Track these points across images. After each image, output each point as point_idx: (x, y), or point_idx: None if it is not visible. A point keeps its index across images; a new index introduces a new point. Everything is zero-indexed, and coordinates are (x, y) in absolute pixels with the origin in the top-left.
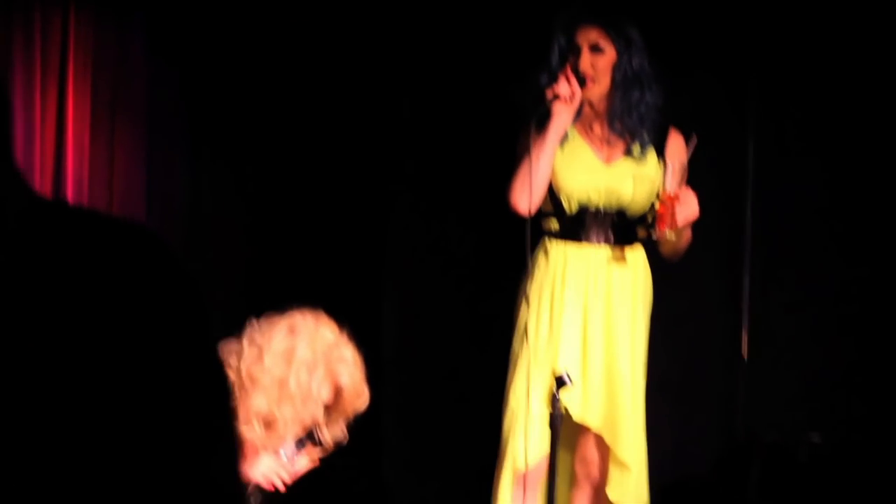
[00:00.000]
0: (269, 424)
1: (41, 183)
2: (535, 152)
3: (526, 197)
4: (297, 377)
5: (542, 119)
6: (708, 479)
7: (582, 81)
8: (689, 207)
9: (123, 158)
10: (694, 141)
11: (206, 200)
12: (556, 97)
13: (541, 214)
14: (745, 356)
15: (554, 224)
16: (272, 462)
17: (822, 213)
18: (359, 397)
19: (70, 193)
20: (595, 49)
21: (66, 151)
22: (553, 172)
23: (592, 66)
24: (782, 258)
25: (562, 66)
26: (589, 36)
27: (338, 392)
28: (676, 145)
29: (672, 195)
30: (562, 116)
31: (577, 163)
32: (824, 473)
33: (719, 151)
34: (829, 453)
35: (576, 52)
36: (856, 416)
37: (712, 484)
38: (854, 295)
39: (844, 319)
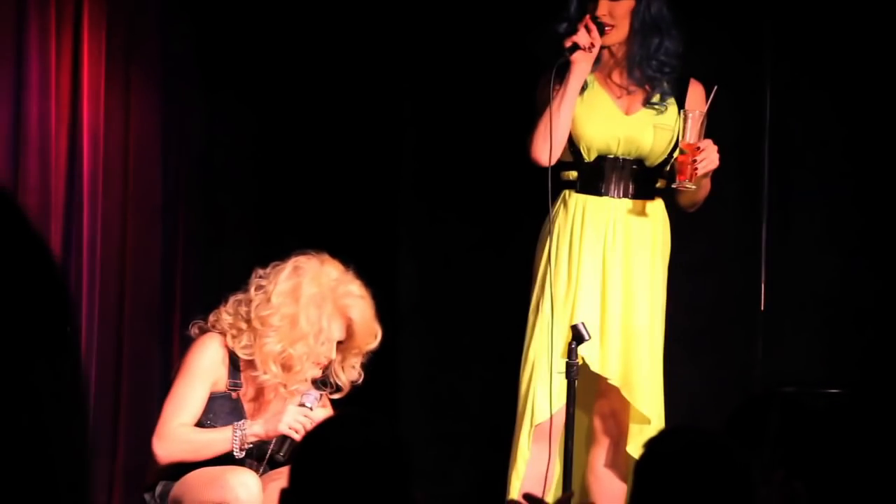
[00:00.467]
0: (286, 366)
1: (57, 130)
2: (555, 103)
3: (547, 148)
4: (306, 314)
5: (561, 69)
6: (726, 431)
7: (601, 29)
8: (709, 158)
9: (139, 105)
10: (714, 91)
11: (221, 147)
12: (576, 47)
13: (560, 165)
14: (763, 308)
15: (573, 175)
16: (297, 412)
17: (841, 165)
18: (370, 333)
19: (86, 140)
20: None
21: (81, 99)
22: (572, 121)
23: (610, 12)
24: (801, 211)
25: (580, 13)
26: None
27: (349, 328)
28: (696, 95)
29: (693, 145)
30: (581, 66)
31: (596, 111)
32: (842, 424)
33: (737, 101)
34: (847, 404)
35: None
36: (874, 367)
37: (730, 435)
38: (874, 246)
39: (863, 271)
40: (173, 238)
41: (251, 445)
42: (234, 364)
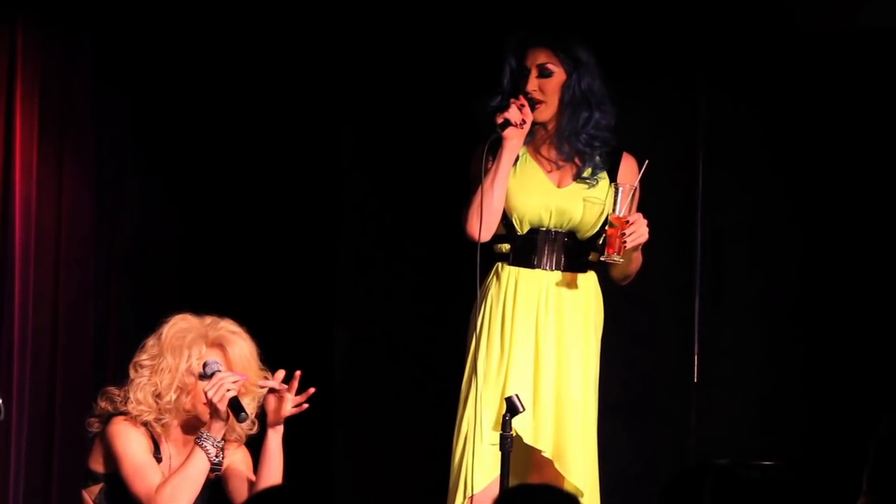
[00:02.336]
0: (156, 394)
1: None
2: (488, 179)
3: (479, 224)
4: (170, 346)
5: (494, 144)
6: (661, 502)
7: (532, 105)
8: (638, 231)
9: (71, 178)
10: (646, 165)
11: (154, 220)
12: (508, 123)
13: (493, 238)
14: (697, 379)
15: (505, 247)
16: (216, 382)
17: (776, 236)
18: (249, 368)
19: (18, 211)
20: (543, 71)
21: (13, 170)
22: (505, 194)
23: (541, 88)
24: (734, 282)
25: (512, 88)
26: (538, 57)
27: (228, 362)
28: (629, 168)
29: (622, 219)
30: (513, 142)
31: (528, 184)
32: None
33: (670, 171)
34: (781, 476)
35: (525, 74)
36: (806, 439)
37: None
38: (806, 319)
39: (796, 344)
40: (106, 310)
41: (221, 444)
42: (153, 438)
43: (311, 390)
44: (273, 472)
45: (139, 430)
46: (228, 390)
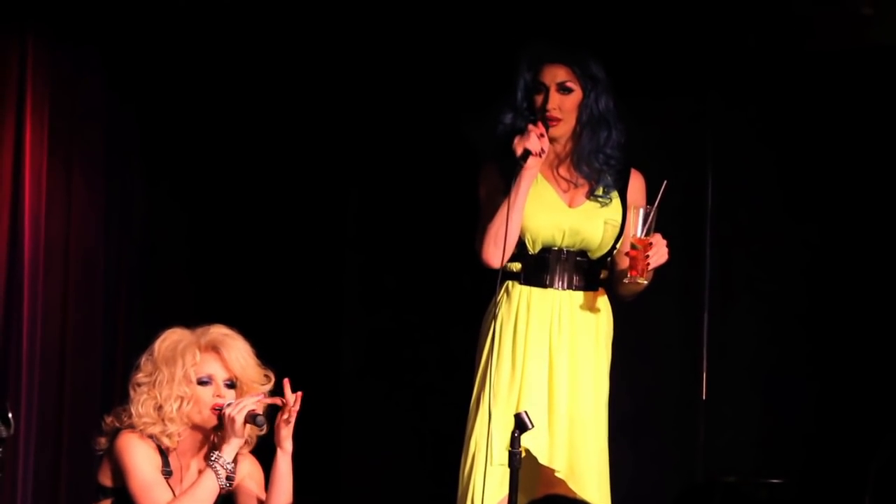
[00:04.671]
0: (157, 407)
1: None
2: (506, 208)
3: (498, 252)
4: (164, 360)
5: (506, 169)
6: None
7: (546, 124)
8: (660, 252)
9: (80, 189)
10: (664, 186)
11: (163, 231)
12: (528, 153)
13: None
14: (705, 398)
15: (516, 267)
16: (232, 409)
17: (783, 253)
18: (248, 367)
19: (27, 223)
20: (563, 88)
21: (23, 181)
22: None
23: (560, 106)
24: (742, 298)
25: (528, 104)
26: (557, 75)
27: (226, 366)
28: (637, 185)
29: (645, 241)
30: (532, 171)
31: (541, 204)
32: None
33: (678, 188)
34: (789, 495)
35: (541, 90)
36: (815, 458)
37: None
38: (815, 337)
39: (805, 360)
40: (114, 321)
41: (232, 467)
42: (161, 451)
43: (300, 394)
44: (283, 495)
45: (147, 443)
46: (245, 407)
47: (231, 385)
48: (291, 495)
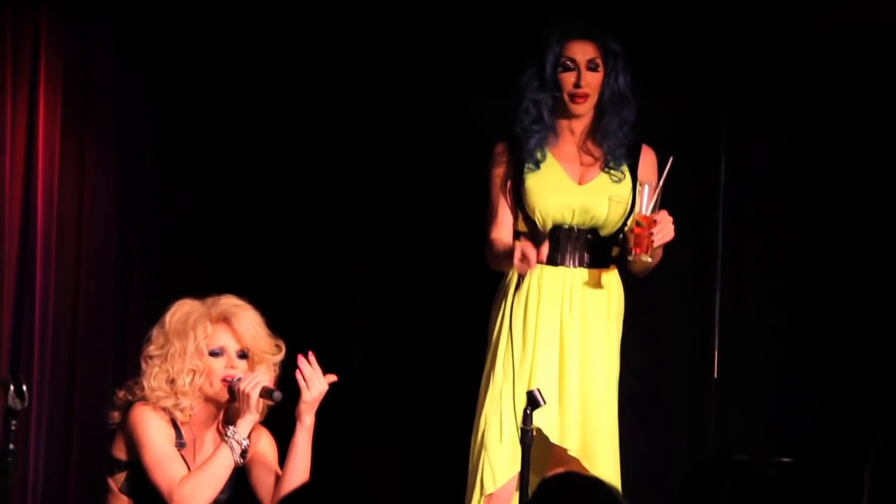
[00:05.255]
0: (169, 381)
1: (11, 187)
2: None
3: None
4: (175, 332)
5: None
6: (679, 498)
7: (573, 101)
8: (665, 230)
9: (93, 165)
10: (670, 163)
11: (174, 208)
12: (525, 259)
13: (515, 235)
14: (716, 375)
15: None
16: (244, 382)
17: (795, 232)
18: (260, 337)
19: (40, 198)
20: (592, 65)
21: (36, 157)
22: (527, 193)
23: (589, 83)
24: (754, 277)
25: (553, 80)
26: (587, 51)
27: (237, 336)
28: (648, 160)
29: (649, 218)
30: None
31: (550, 183)
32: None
33: (691, 167)
34: (800, 474)
35: (569, 67)
36: (826, 436)
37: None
38: (826, 316)
39: (816, 339)
40: (126, 296)
41: (247, 444)
42: (174, 423)
43: (311, 353)
44: (299, 471)
45: (160, 415)
46: (259, 382)
47: (243, 356)
48: (308, 472)
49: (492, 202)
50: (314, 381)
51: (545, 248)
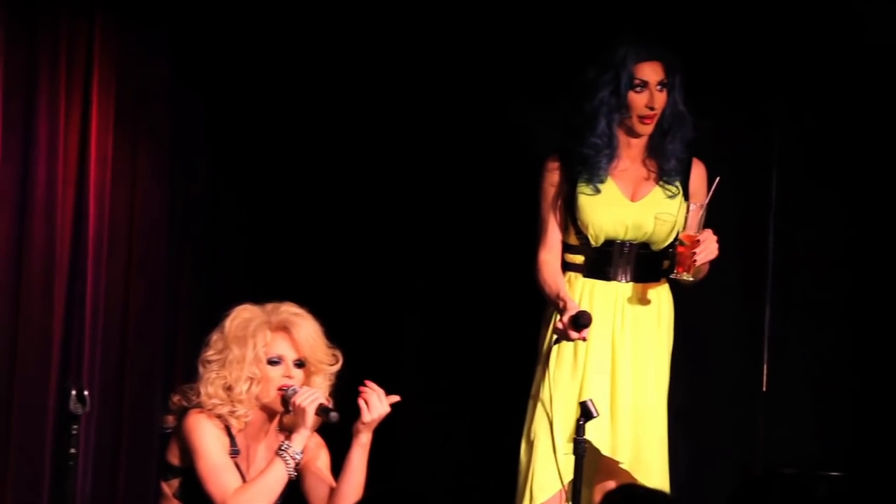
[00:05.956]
0: (227, 388)
1: (63, 192)
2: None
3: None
4: (235, 338)
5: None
6: None
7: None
8: (708, 249)
9: (145, 170)
10: (717, 182)
11: (226, 214)
12: (565, 337)
13: (565, 247)
14: (765, 389)
15: (578, 259)
16: (301, 396)
17: (844, 249)
18: (317, 347)
19: (92, 203)
20: (661, 85)
21: (89, 161)
22: (581, 209)
23: (656, 104)
24: (803, 292)
25: (623, 99)
26: (656, 72)
27: (295, 345)
28: (699, 174)
29: (693, 237)
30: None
31: (604, 199)
32: None
33: (742, 184)
34: (848, 488)
35: (638, 87)
36: (875, 452)
37: None
38: (876, 330)
39: (865, 354)
40: (176, 303)
41: (301, 457)
42: (229, 432)
43: (396, 397)
44: (354, 488)
45: (215, 423)
46: (317, 399)
47: (300, 364)
48: (362, 489)
49: (542, 218)
50: (375, 405)
51: (585, 333)
